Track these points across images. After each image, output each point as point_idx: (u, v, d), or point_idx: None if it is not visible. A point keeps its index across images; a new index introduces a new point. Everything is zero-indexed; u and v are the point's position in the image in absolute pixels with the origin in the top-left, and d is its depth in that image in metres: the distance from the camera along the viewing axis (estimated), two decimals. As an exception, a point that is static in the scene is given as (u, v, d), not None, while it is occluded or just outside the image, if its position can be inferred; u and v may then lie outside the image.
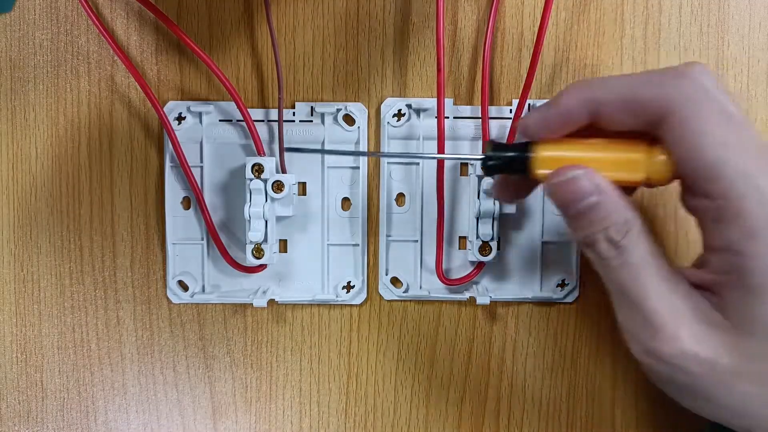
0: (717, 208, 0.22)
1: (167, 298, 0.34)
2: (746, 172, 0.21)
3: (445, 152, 0.32)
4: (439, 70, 0.31)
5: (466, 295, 0.33)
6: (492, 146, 0.26)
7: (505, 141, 0.32)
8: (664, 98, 0.22)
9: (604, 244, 0.24)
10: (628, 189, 0.26)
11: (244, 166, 0.31)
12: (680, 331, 0.22)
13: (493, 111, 0.32)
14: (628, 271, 0.23)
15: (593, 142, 0.25)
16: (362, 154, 0.33)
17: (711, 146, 0.22)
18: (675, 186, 0.25)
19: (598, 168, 0.24)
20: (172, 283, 0.33)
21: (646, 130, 0.24)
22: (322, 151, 0.33)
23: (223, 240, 0.33)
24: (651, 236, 0.24)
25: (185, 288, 0.34)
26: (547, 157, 0.25)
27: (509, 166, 0.25)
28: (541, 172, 0.25)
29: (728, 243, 0.22)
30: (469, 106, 0.33)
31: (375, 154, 0.33)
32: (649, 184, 0.25)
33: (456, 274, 0.34)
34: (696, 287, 0.24)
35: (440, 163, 0.32)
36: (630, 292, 0.23)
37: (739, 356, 0.22)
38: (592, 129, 0.25)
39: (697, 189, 0.23)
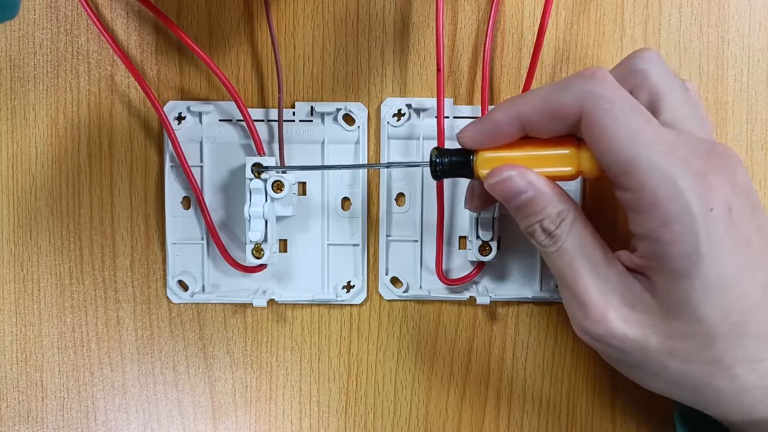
0: (635, 200, 0.24)
1: (167, 298, 0.34)
2: (657, 166, 0.23)
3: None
4: (438, 70, 0.31)
5: (466, 295, 0.33)
6: (438, 152, 0.28)
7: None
8: (576, 102, 0.24)
9: (540, 234, 0.26)
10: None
11: (244, 165, 0.31)
12: (608, 313, 0.25)
13: (493, 111, 0.32)
14: (562, 256, 0.26)
15: (528, 143, 0.27)
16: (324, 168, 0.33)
17: (623, 143, 0.23)
18: None
19: (533, 166, 0.26)
20: (172, 283, 0.33)
21: (571, 132, 0.26)
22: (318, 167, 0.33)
23: (223, 240, 0.33)
24: (587, 224, 0.26)
25: (185, 288, 0.34)
26: (487, 159, 0.27)
27: (455, 170, 0.28)
28: (484, 172, 0.27)
29: (648, 231, 0.24)
30: (469, 106, 0.33)
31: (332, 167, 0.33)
32: (584, 176, 0.27)
33: (456, 274, 0.34)
34: (630, 270, 0.25)
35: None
36: (565, 276, 0.26)
37: (667, 337, 0.24)
38: (528, 139, 0.27)
39: (617, 182, 0.24)
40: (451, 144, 0.32)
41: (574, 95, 0.24)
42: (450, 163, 0.27)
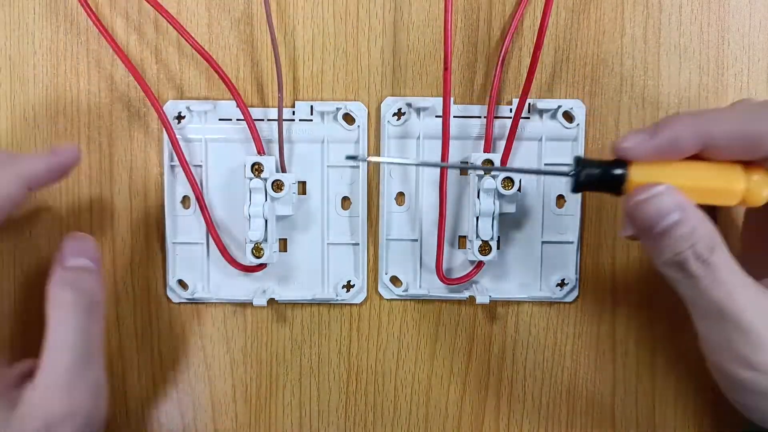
0: None
1: (167, 298, 0.34)
2: None
3: (449, 151, 0.32)
4: (446, 69, 0.31)
5: (466, 294, 0.33)
6: (582, 162, 0.25)
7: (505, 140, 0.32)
8: None
9: (694, 262, 0.24)
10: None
11: (244, 165, 0.31)
12: None
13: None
14: (721, 287, 0.23)
15: (690, 163, 0.25)
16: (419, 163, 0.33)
17: None
18: None
19: (695, 186, 0.24)
20: (172, 283, 0.34)
21: (758, 162, 0.24)
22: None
23: (223, 239, 0.33)
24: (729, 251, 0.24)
25: (185, 287, 0.34)
26: (646, 173, 0.24)
27: (601, 182, 0.25)
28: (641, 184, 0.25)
29: None
30: (468, 105, 0.33)
31: (434, 165, 0.32)
32: (743, 203, 0.25)
33: (456, 274, 0.34)
34: None
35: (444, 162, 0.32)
36: (726, 308, 0.23)
37: None
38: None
39: None
40: (451, 143, 0.32)
41: None
42: (599, 174, 0.25)
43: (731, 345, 0.24)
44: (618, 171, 0.25)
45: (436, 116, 0.33)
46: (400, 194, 0.33)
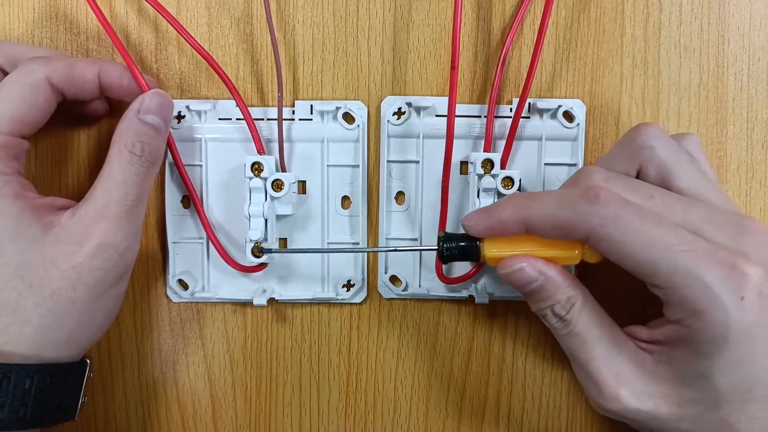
0: (664, 294, 0.25)
1: (167, 297, 0.34)
2: (679, 267, 0.24)
3: (453, 151, 0.32)
4: (453, 68, 0.31)
5: (466, 294, 0.33)
6: (446, 237, 0.29)
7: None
8: (583, 223, 0.25)
9: (551, 317, 0.27)
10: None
11: (244, 164, 0.31)
12: (620, 390, 0.26)
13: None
14: (574, 339, 0.27)
15: (530, 236, 0.27)
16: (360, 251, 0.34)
17: (639, 252, 0.24)
18: None
19: (541, 252, 0.27)
20: (172, 282, 0.33)
21: (579, 241, 0.27)
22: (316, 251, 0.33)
23: (224, 239, 0.33)
24: (596, 306, 0.28)
25: (185, 287, 0.34)
26: (493, 245, 0.28)
27: (463, 254, 0.28)
28: (492, 257, 0.28)
29: (678, 319, 0.25)
30: (468, 105, 0.33)
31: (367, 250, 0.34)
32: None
33: (455, 273, 0.34)
34: (644, 342, 0.27)
35: (446, 162, 0.32)
36: (578, 357, 0.27)
37: (678, 404, 0.26)
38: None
39: (642, 279, 0.25)
40: (457, 142, 0.32)
41: (580, 218, 0.25)
42: (458, 248, 0.28)
43: (586, 387, 0.28)
44: (472, 244, 0.28)
45: (437, 115, 0.33)
46: (400, 194, 0.33)
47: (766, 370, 0.24)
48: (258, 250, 0.31)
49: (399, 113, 0.33)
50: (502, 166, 0.32)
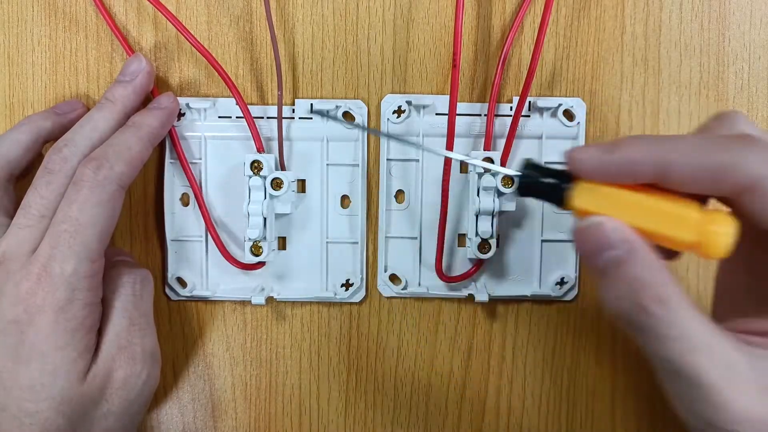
0: None
1: (166, 295, 0.34)
2: None
3: (453, 150, 0.32)
4: (454, 66, 0.31)
5: (465, 292, 0.33)
6: (530, 166, 0.24)
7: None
8: (745, 166, 0.20)
9: (641, 314, 0.21)
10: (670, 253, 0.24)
11: (243, 162, 0.31)
12: (740, 401, 0.20)
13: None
14: (674, 344, 0.21)
15: (640, 196, 0.22)
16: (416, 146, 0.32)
17: None
18: None
19: (636, 226, 0.21)
20: (171, 280, 0.33)
21: (722, 197, 0.22)
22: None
23: (223, 237, 0.33)
24: (690, 299, 0.21)
25: (184, 285, 0.33)
26: (591, 192, 0.22)
27: (544, 190, 0.23)
28: (583, 208, 0.22)
29: None
30: (469, 103, 0.33)
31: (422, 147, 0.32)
32: (693, 252, 0.22)
33: (455, 272, 0.34)
34: (757, 334, 0.22)
35: (446, 161, 0.32)
36: (682, 368, 0.21)
37: None
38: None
39: None
40: (458, 141, 0.32)
41: (741, 159, 0.20)
42: (542, 183, 0.23)
43: (691, 404, 0.21)
44: (562, 183, 0.23)
45: (437, 114, 0.33)
46: (400, 192, 0.33)
47: None
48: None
49: (399, 112, 0.33)
50: (503, 165, 0.32)
